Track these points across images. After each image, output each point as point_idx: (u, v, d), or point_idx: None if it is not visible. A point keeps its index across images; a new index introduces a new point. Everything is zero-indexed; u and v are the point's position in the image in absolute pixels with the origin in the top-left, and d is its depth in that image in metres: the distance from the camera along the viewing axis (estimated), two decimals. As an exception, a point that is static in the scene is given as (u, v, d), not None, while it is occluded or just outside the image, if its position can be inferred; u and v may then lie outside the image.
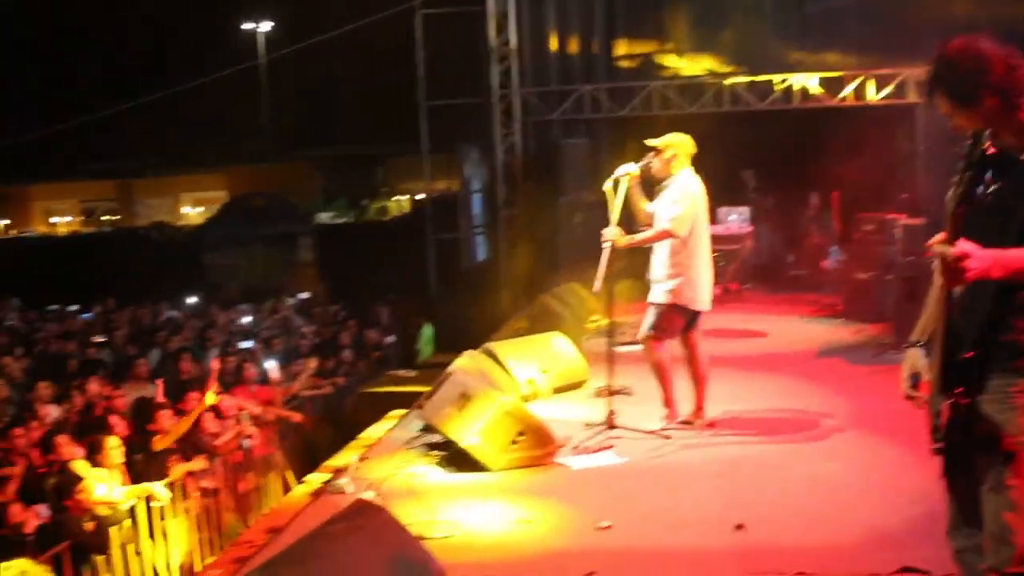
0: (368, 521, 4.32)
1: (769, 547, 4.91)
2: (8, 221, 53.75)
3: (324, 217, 43.31)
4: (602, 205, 7.06)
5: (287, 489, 9.24)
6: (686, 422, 7.03)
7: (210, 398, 9.39)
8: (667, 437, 6.81)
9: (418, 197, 27.04)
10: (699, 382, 7.06)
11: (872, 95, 14.38)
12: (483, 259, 17.20)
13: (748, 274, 13.93)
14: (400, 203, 48.09)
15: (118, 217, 55.24)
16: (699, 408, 7.07)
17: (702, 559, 4.87)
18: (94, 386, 10.50)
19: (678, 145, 6.92)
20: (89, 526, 7.09)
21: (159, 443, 8.61)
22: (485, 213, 16.98)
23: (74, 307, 18.58)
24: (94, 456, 7.78)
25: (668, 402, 7.08)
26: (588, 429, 7.03)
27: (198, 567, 7.72)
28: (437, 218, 18.32)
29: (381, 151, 46.37)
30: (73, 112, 23.33)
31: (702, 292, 6.92)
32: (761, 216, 14.54)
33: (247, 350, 13.24)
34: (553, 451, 6.57)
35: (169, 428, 8.84)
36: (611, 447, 6.70)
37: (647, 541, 5.13)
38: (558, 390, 8.33)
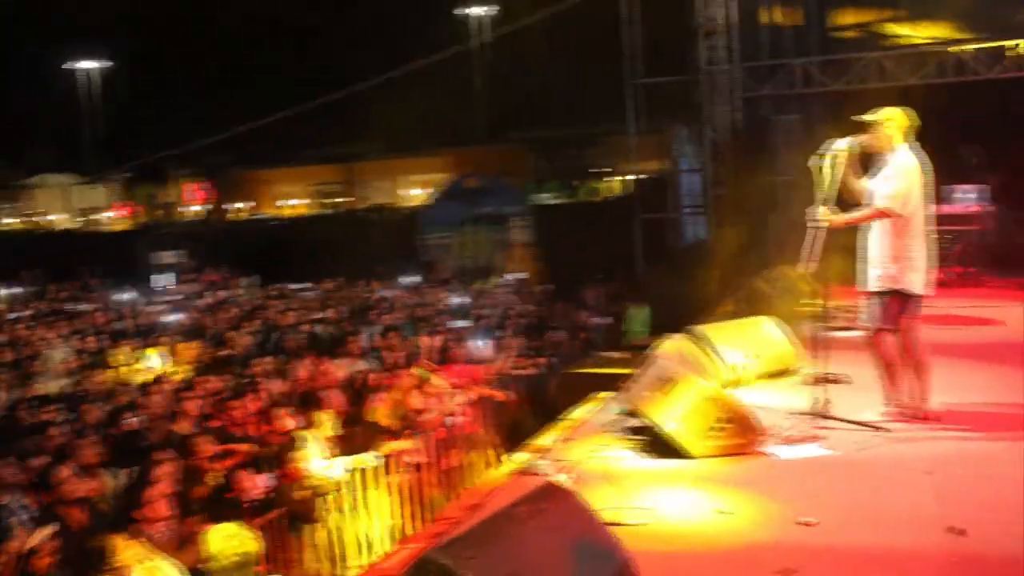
0: (555, 504, 4.27)
1: (986, 554, 4.55)
2: (252, 204, 57.24)
3: (537, 198, 43.74)
4: (814, 183, 6.73)
5: (492, 467, 9.38)
6: (902, 414, 6.62)
7: (422, 373, 9.62)
8: (879, 429, 6.44)
9: (630, 178, 26.86)
10: (917, 371, 6.63)
11: None
12: (694, 239, 16.88)
13: (980, 257, 12.95)
14: (612, 184, 47.99)
15: (344, 200, 57.84)
16: (918, 399, 6.64)
17: (910, 562, 4.55)
18: (312, 361, 10.94)
19: (893, 119, 6.51)
20: (302, 495, 7.37)
21: (371, 414, 8.89)
22: (695, 193, 16.65)
23: (300, 285, 19.51)
24: (309, 428, 8.11)
25: (891, 398, 6.68)
26: (795, 418, 6.75)
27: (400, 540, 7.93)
28: (647, 198, 18.12)
29: (593, 132, 46.41)
30: (304, 99, 24.41)
31: (919, 275, 6.49)
32: (993, 194, 13.50)
33: (457, 329, 13.48)
34: (756, 440, 6.33)
35: (381, 402, 9.14)
36: (819, 438, 6.40)
37: (851, 540, 4.84)
38: (766, 376, 8.04)
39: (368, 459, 8.10)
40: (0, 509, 6.82)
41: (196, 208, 54.06)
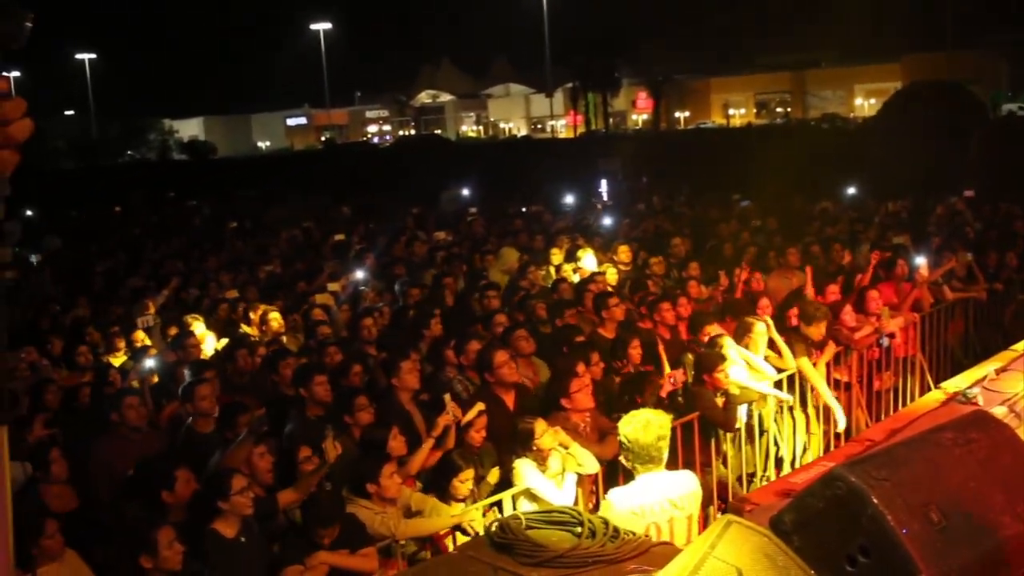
0: (985, 436, 3.87)
1: None
2: (688, 113, 57.53)
3: (1009, 108, 40.04)
4: None
5: (924, 393, 8.84)
6: None
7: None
8: None
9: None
10: None
11: None
12: None
13: None
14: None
15: (789, 109, 56.40)
16: None
17: None
18: (744, 270, 10.83)
19: None
20: (719, 401, 7.38)
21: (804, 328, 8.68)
22: None
23: (737, 196, 19.45)
24: (740, 337, 8.06)
25: None
26: None
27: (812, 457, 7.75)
28: None
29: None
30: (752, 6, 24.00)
31: None
32: None
33: (900, 246, 12.68)
34: None
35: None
36: None
37: None
38: None
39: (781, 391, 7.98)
40: (444, 383, 7.50)
41: (644, 117, 55.31)
